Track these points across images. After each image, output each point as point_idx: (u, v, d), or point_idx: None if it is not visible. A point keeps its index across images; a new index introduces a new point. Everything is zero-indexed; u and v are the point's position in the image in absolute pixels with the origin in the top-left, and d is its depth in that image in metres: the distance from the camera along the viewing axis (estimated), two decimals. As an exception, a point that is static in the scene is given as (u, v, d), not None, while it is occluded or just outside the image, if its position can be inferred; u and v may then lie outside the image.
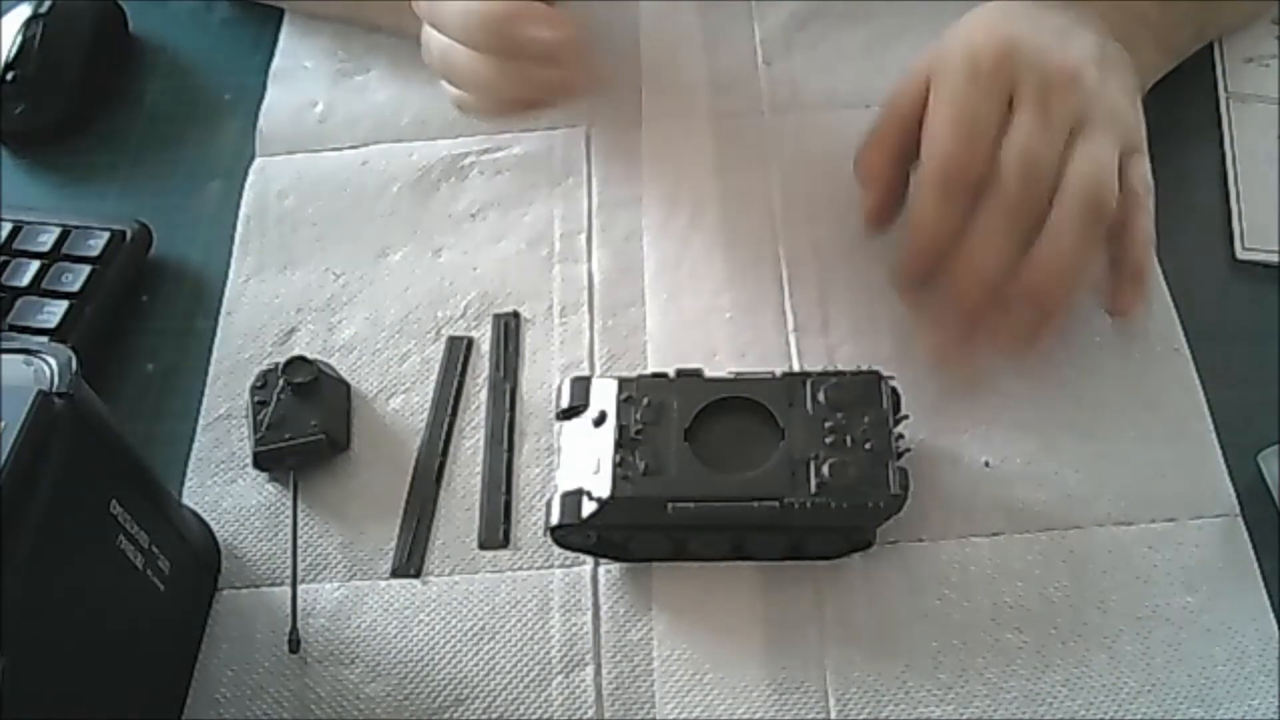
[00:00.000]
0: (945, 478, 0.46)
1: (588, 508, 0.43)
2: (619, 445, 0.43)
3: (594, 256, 0.54)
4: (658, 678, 0.44)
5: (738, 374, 0.45)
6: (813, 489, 0.42)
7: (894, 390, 0.45)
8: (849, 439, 0.43)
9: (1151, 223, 0.48)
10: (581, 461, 0.44)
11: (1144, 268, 0.49)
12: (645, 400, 0.44)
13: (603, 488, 0.42)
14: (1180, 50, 0.56)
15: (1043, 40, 0.47)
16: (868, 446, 0.43)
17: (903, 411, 0.45)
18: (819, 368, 0.46)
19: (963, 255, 0.45)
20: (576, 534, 0.44)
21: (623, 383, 0.45)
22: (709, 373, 0.45)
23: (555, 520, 0.43)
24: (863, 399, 0.44)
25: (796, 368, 0.49)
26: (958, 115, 0.45)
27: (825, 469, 0.42)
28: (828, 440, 0.43)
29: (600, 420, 0.44)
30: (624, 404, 0.44)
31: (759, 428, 0.44)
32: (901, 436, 0.44)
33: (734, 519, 0.42)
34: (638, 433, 0.44)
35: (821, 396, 0.44)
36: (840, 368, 0.46)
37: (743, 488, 0.42)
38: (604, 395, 0.45)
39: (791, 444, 0.43)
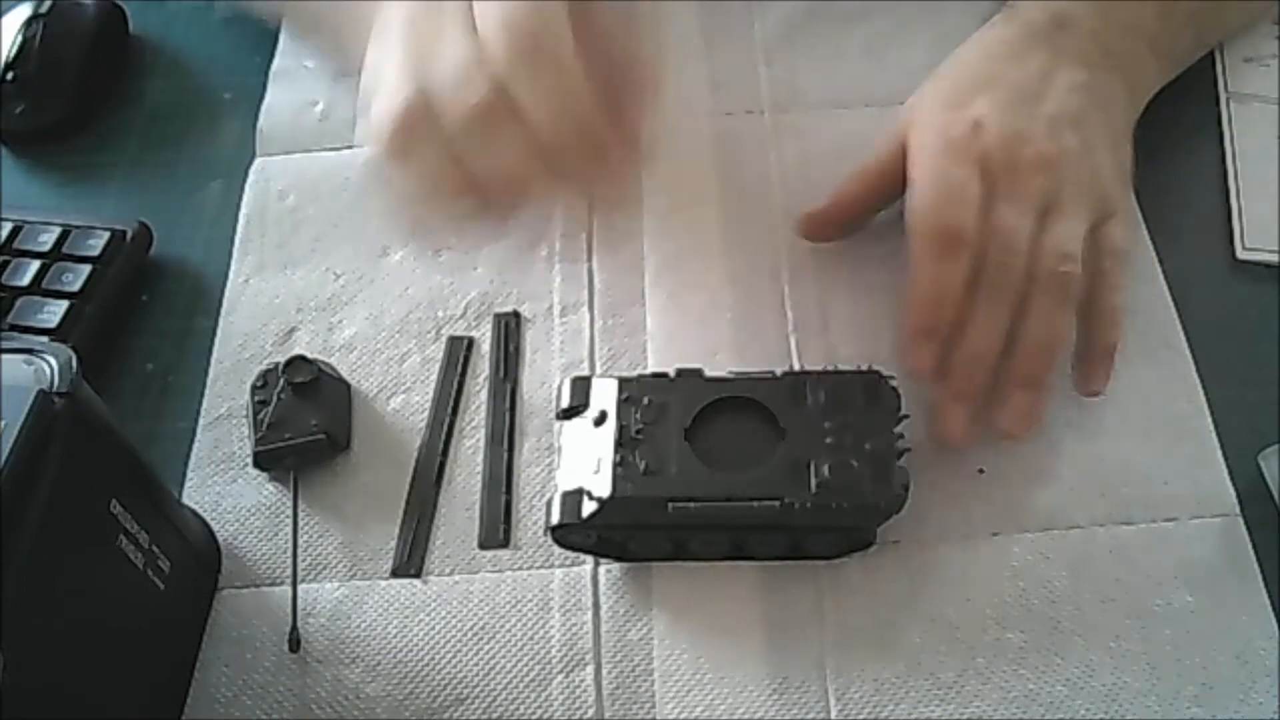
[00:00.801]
0: (945, 478, 0.46)
1: (588, 507, 0.43)
2: (619, 445, 0.43)
3: (594, 256, 0.54)
4: (658, 678, 0.44)
5: (737, 373, 0.45)
6: (813, 489, 0.42)
7: (894, 390, 0.45)
8: (849, 439, 0.43)
9: (1120, 299, 0.48)
10: (582, 461, 0.44)
11: (1112, 346, 0.48)
12: (645, 400, 0.44)
13: (603, 487, 0.42)
14: (1180, 59, 0.55)
15: (1014, 113, 0.48)
16: (868, 446, 0.43)
17: (903, 411, 0.45)
18: (819, 367, 0.46)
19: (962, 342, 0.45)
20: (577, 534, 0.44)
21: (623, 382, 0.45)
22: (709, 372, 0.45)
23: (556, 520, 0.43)
24: (863, 399, 0.44)
25: (796, 367, 0.49)
26: (941, 184, 0.47)
27: (826, 469, 0.42)
28: (828, 440, 0.43)
29: (600, 420, 0.44)
30: (624, 404, 0.44)
31: (759, 427, 0.44)
32: (902, 436, 0.44)
33: (734, 519, 0.42)
34: (638, 432, 0.43)
35: (822, 396, 0.44)
36: (841, 367, 0.45)
37: (743, 487, 0.42)
38: (604, 395, 0.45)
39: (792, 444, 0.43)
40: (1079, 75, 0.49)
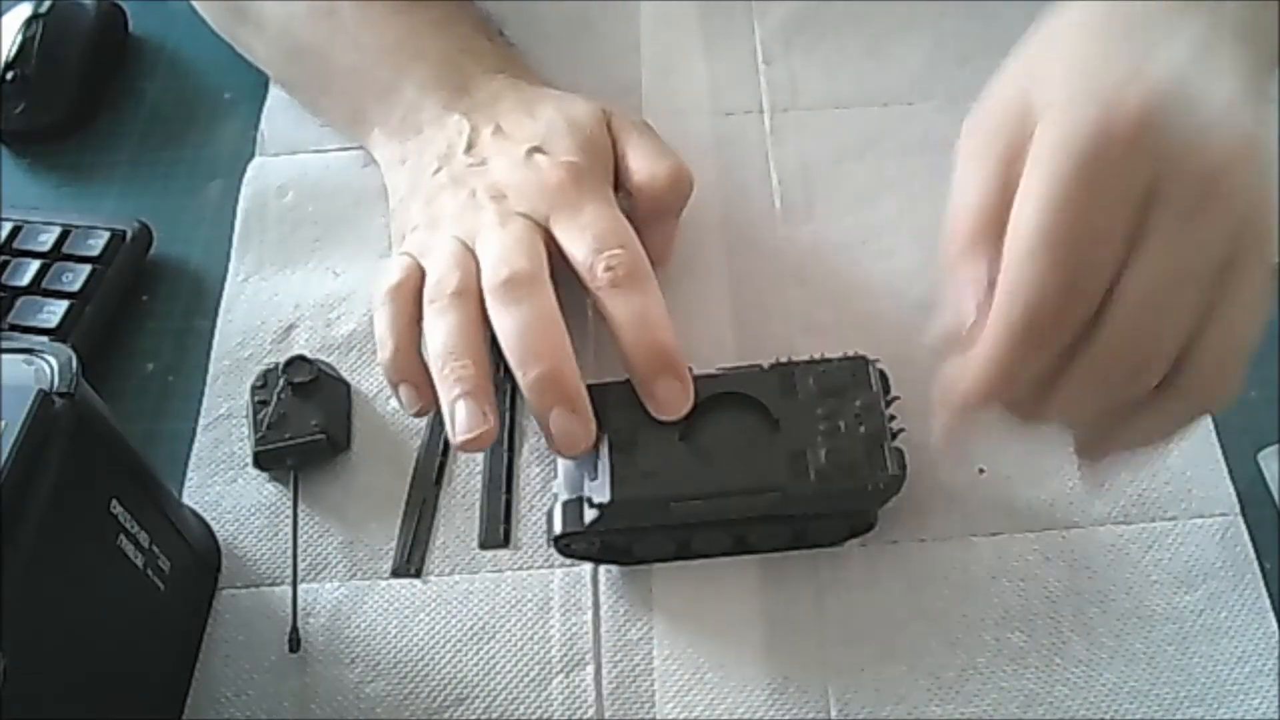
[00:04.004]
0: (945, 478, 0.46)
1: (590, 514, 0.43)
2: (616, 449, 0.43)
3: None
4: (658, 677, 0.44)
5: (726, 369, 0.45)
6: (812, 476, 0.42)
7: (882, 373, 0.44)
8: (843, 424, 0.43)
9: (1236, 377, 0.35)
10: (580, 469, 0.44)
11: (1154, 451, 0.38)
12: (638, 403, 0.44)
13: (603, 492, 0.42)
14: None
15: (1200, 82, 0.33)
16: (862, 430, 0.43)
17: (893, 393, 0.44)
18: (805, 357, 0.46)
19: (1045, 399, 0.36)
20: (580, 541, 0.44)
21: (615, 387, 0.45)
22: (698, 370, 0.45)
23: (558, 529, 0.43)
24: (852, 383, 0.44)
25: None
26: (1062, 234, 0.32)
27: (822, 455, 0.42)
28: (822, 427, 0.43)
29: (596, 426, 0.44)
30: (618, 408, 0.44)
31: (753, 421, 0.44)
32: (894, 418, 0.44)
33: (737, 512, 0.42)
34: (634, 436, 0.43)
35: (812, 384, 0.44)
36: (827, 355, 0.45)
37: (743, 481, 0.42)
38: (598, 401, 0.45)
39: (787, 434, 0.43)
40: (1241, 51, 0.35)
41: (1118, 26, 0.35)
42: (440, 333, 0.43)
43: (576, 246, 0.45)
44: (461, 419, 0.42)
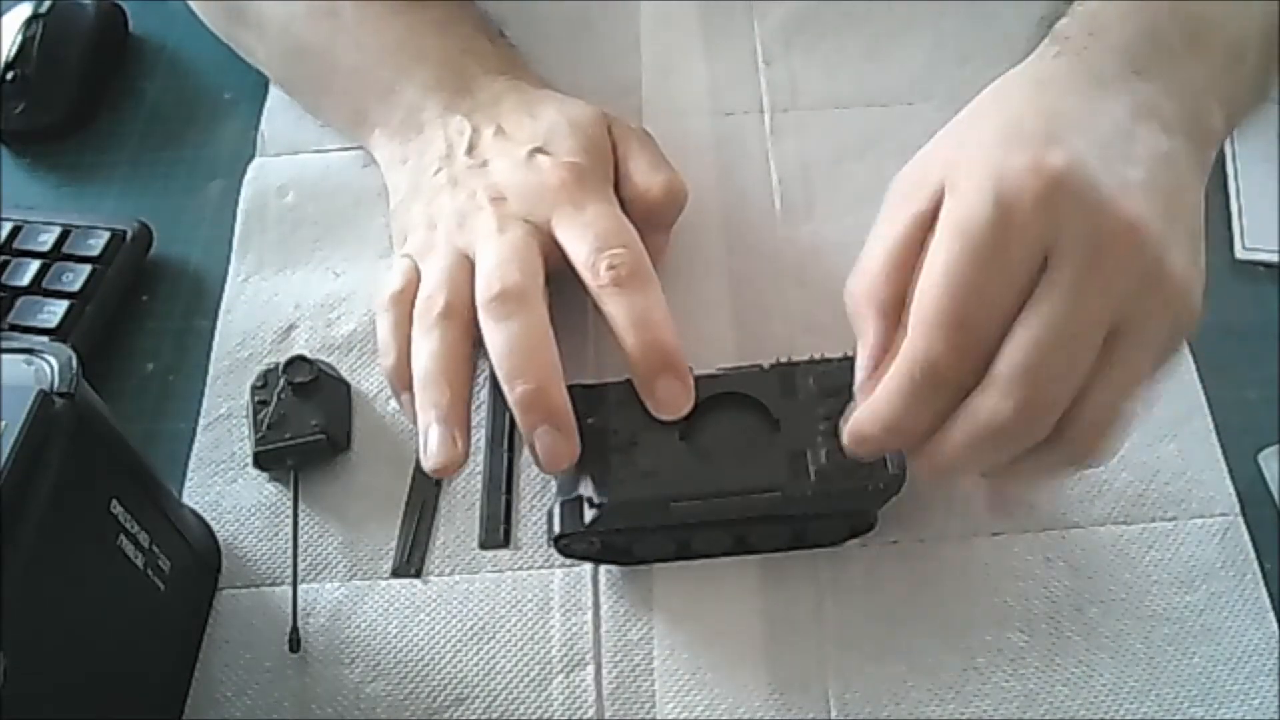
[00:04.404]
0: (945, 478, 0.46)
1: (590, 514, 0.43)
2: (616, 449, 0.43)
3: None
4: (658, 678, 0.44)
5: (725, 369, 0.45)
6: (812, 477, 0.42)
7: None
8: (843, 424, 0.43)
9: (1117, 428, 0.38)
10: (580, 469, 0.44)
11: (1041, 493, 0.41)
12: (638, 403, 0.44)
13: (603, 493, 0.42)
14: (1242, 118, 0.45)
15: (1103, 169, 0.36)
16: None
17: None
18: (805, 357, 0.46)
19: (928, 446, 0.38)
20: (580, 541, 0.44)
21: (615, 387, 0.45)
22: (698, 370, 0.45)
23: (558, 530, 0.43)
24: (852, 384, 0.44)
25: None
26: (957, 310, 0.35)
27: (823, 455, 0.42)
28: (821, 428, 0.43)
29: (596, 426, 0.44)
30: (618, 408, 0.44)
31: (753, 421, 0.44)
32: None
33: (737, 512, 0.42)
34: (633, 436, 0.43)
35: (812, 385, 0.44)
36: (827, 355, 0.45)
37: (743, 481, 0.42)
38: (598, 401, 0.45)
39: (787, 434, 0.43)
40: (1163, 140, 0.38)
41: (1033, 117, 0.38)
42: (422, 357, 0.44)
43: (578, 246, 0.45)
44: (432, 445, 0.42)
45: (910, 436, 0.37)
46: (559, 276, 0.46)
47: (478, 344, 0.44)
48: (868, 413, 0.37)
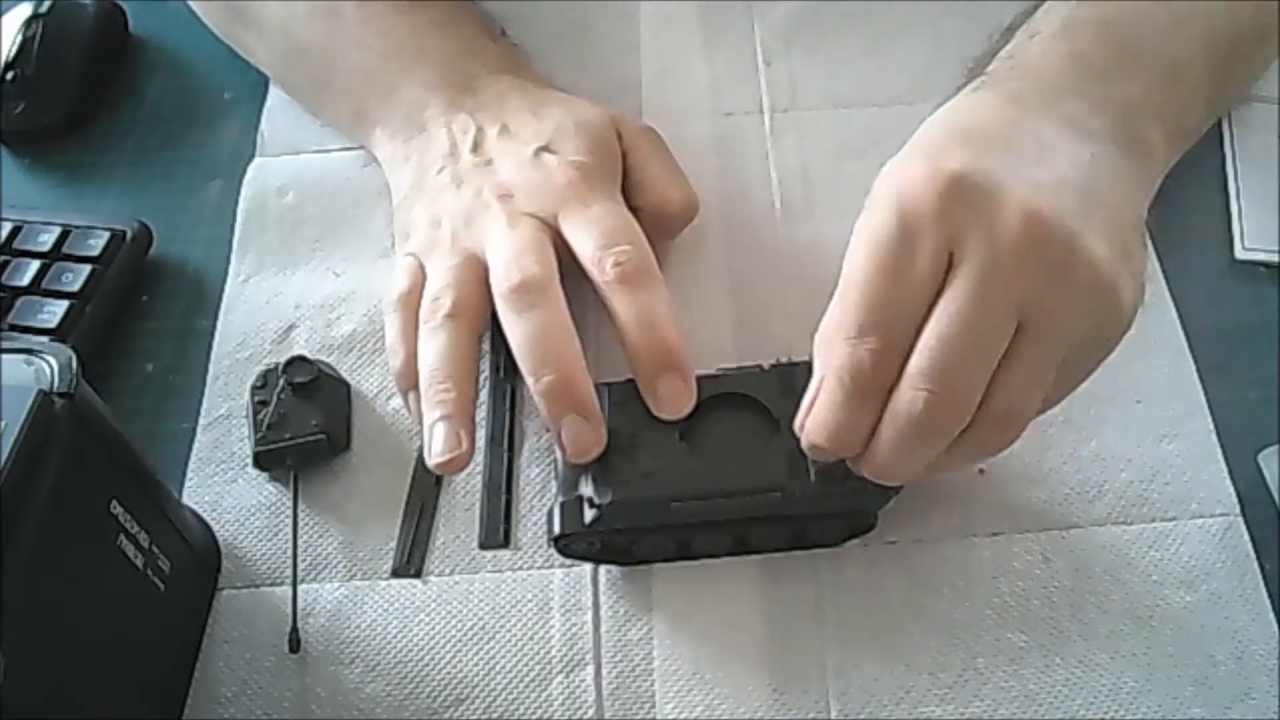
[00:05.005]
0: (945, 478, 0.46)
1: (590, 514, 0.43)
2: (616, 450, 0.43)
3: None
4: (658, 678, 0.44)
5: (725, 370, 0.45)
6: (812, 476, 0.42)
7: None
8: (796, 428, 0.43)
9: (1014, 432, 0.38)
10: (580, 469, 0.44)
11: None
12: (638, 403, 0.44)
13: (603, 493, 0.42)
14: (1191, 134, 0.47)
15: (1006, 171, 0.37)
16: None
17: None
18: (805, 358, 0.46)
19: (867, 458, 0.39)
20: (580, 541, 0.44)
21: (614, 387, 0.45)
22: (698, 371, 0.45)
23: (558, 530, 0.43)
24: None
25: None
26: (874, 300, 0.37)
27: None
28: None
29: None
30: (618, 408, 0.44)
31: (753, 421, 0.44)
32: None
33: (737, 512, 0.42)
34: (634, 436, 0.43)
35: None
36: None
37: (743, 481, 0.42)
38: (599, 401, 0.45)
39: (787, 435, 0.43)
40: (1085, 148, 0.39)
41: (941, 135, 0.40)
42: (429, 355, 0.44)
43: (584, 243, 0.45)
44: (438, 442, 0.42)
45: (853, 441, 0.38)
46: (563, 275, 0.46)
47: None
48: (813, 422, 0.38)
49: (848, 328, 0.37)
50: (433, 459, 0.42)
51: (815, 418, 0.38)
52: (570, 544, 0.44)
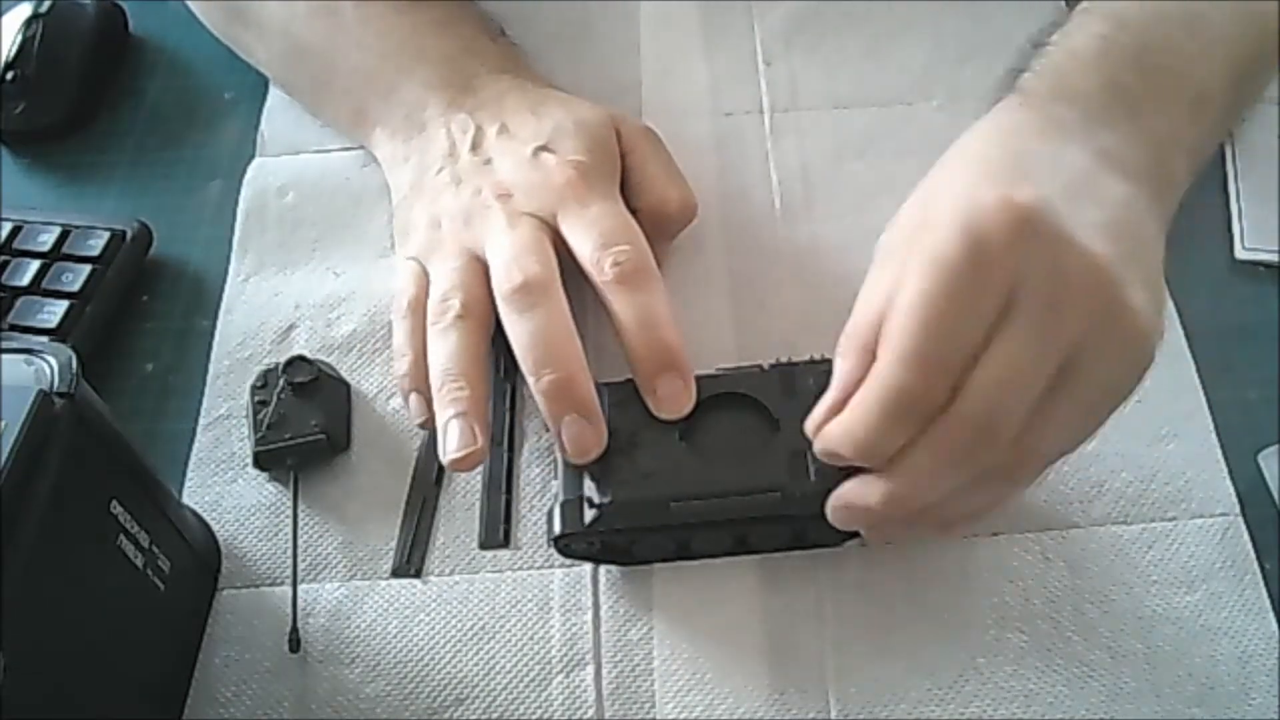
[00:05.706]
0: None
1: (589, 514, 0.43)
2: (616, 450, 0.43)
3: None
4: (658, 678, 0.44)
5: (725, 369, 0.45)
6: (812, 476, 0.42)
7: None
8: (808, 426, 0.43)
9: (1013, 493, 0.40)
10: (580, 469, 0.44)
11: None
12: (638, 403, 0.44)
13: (603, 493, 0.42)
14: (1207, 162, 0.46)
15: (1069, 209, 0.37)
16: None
17: None
18: (805, 358, 0.46)
19: (889, 477, 0.38)
20: (580, 541, 0.44)
21: (614, 387, 0.45)
22: (698, 370, 0.45)
23: (558, 530, 0.43)
24: None
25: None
26: (936, 326, 0.36)
27: None
28: None
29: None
30: (618, 408, 0.44)
31: (753, 421, 0.44)
32: None
33: (737, 512, 0.42)
34: (633, 436, 0.43)
35: (811, 384, 0.44)
36: (827, 356, 0.45)
37: (743, 481, 0.42)
38: (599, 401, 0.45)
39: (787, 434, 0.43)
40: (1123, 187, 0.39)
41: (1000, 159, 0.40)
42: (441, 354, 0.44)
43: (583, 243, 0.45)
44: (453, 439, 0.43)
45: (876, 457, 0.38)
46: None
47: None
48: (839, 430, 0.38)
49: (905, 351, 0.36)
50: (447, 456, 0.43)
51: (843, 427, 0.38)
52: (570, 544, 0.44)
